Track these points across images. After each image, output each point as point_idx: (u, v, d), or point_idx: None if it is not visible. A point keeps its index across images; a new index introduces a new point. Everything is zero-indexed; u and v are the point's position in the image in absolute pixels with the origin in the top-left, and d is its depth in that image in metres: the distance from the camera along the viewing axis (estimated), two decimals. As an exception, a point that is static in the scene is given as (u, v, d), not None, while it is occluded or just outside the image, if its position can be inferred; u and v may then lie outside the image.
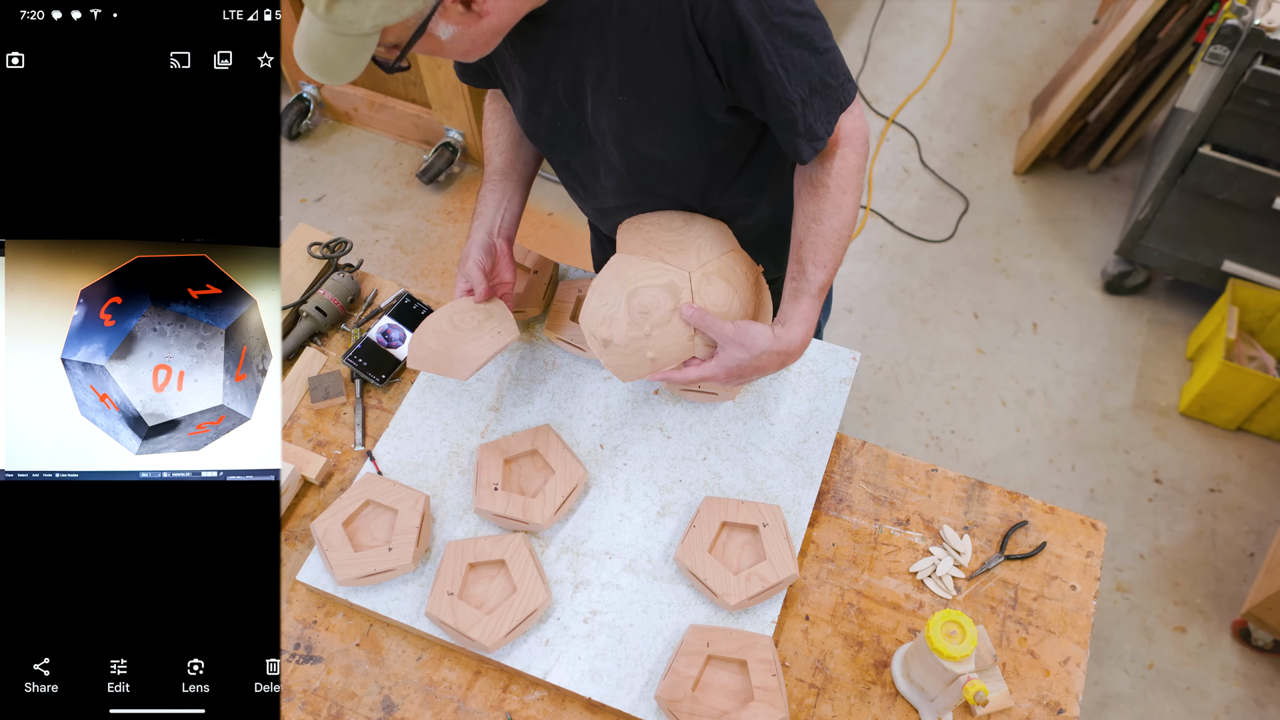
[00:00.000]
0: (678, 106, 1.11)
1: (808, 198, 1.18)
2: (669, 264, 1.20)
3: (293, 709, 1.18)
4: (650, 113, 1.12)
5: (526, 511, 1.25)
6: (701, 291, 1.18)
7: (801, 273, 1.17)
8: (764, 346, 1.15)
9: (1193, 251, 2.61)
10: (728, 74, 1.06)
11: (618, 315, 1.18)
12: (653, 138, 1.16)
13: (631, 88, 1.09)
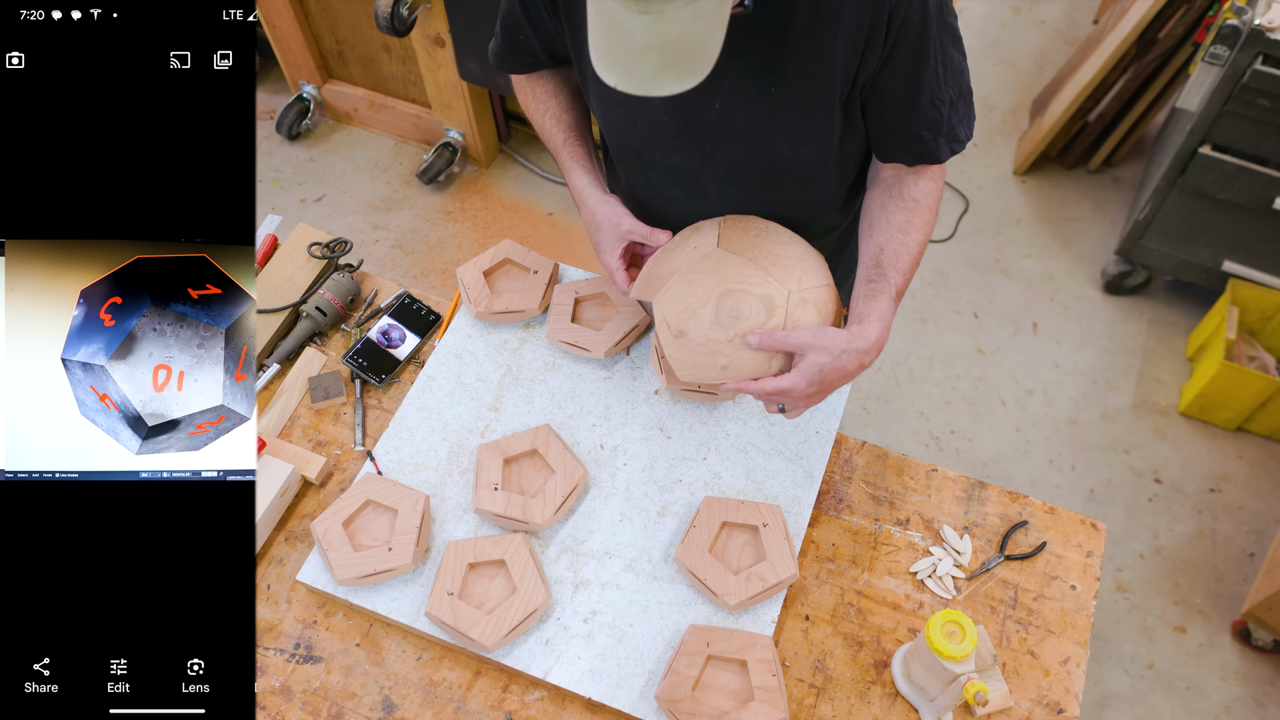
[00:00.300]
0: (835, 97, 1.08)
1: (896, 210, 1.16)
2: (771, 276, 1.14)
3: (293, 709, 1.18)
4: (804, 106, 1.09)
5: (526, 511, 1.25)
6: (795, 315, 1.13)
7: (882, 275, 1.14)
8: (843, 346, 1.09)
9: (1193, 251, 2.61)
10: (889, 57, 1.04)
11: (703, 310, 1.12)
12: (799, 133, 1.12)
13: (795, 77, 1.05)
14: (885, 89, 1.08)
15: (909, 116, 1.11)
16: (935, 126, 1.11)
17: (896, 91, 1.08)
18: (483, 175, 3.14)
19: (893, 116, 1.12)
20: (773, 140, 1.13)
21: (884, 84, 1.08)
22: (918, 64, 1.05)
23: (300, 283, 1.53)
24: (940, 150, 1.14)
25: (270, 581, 1.28)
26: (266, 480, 1.30)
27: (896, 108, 1.10)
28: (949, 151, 1.14)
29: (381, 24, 2.49)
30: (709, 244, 1.17)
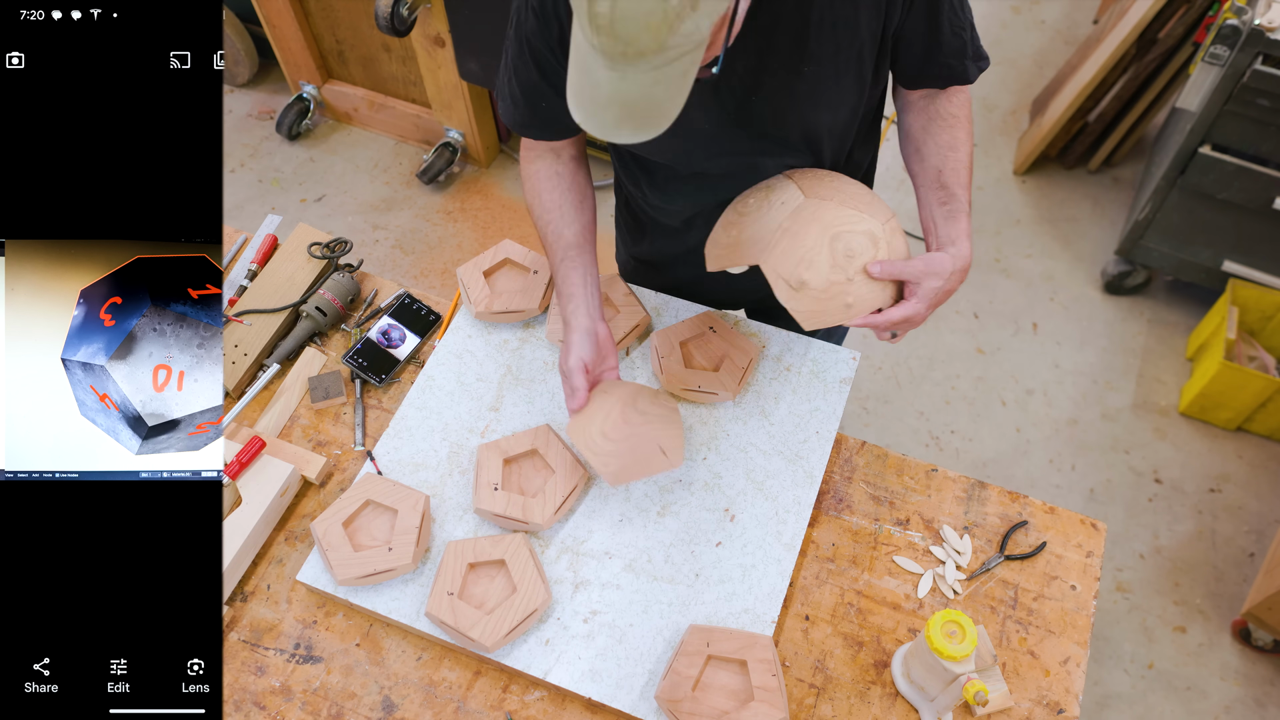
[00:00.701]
0: (863, 59, 1.14)
1: (940, 129, 1.23)
2: (864, 213, 1.19)
3: (293, 709, 1.18)
4: (834, 76, 1.14)
5: (526, 511, 1.25)
6: (894, 243, 1.19)
7: (951, 196, 1.21)
8: (950, 268, 1.17)
9: (1193, 251, 2.61)
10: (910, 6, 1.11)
11: (818, 258, 1.15)
12: (833, 100, 1.18)
13: (822, 54, 1.11)
14: (910, 32, 1.15)
15: (935, 50, 1.17)
16: (961, 52, 1.18)
17: (920, 31, 1.15)
18: (483, 175, 3.14)
19: (920, 53, 1.18)
20: (813, 112, 1.19)
21: (908, 29, 1.15)
22: (935, 7, 1.13)
23: (300, 283, 1.53)
24: (970, 71, 1.21)
25: (270, 581, 1.28)
26: (266, 480, 1.30)
27: (923, 45, 1.17)
28: (977, 70, 1.21)
29: (381, 24, 2.49)
30: (796, 197, 1.21)
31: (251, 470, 1.30)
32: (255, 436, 1.33)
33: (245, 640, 1.23)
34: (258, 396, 1.44)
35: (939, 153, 1.23)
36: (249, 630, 1.24)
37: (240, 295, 1.54)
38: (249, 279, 1.57)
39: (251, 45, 3.29)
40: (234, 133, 3.31)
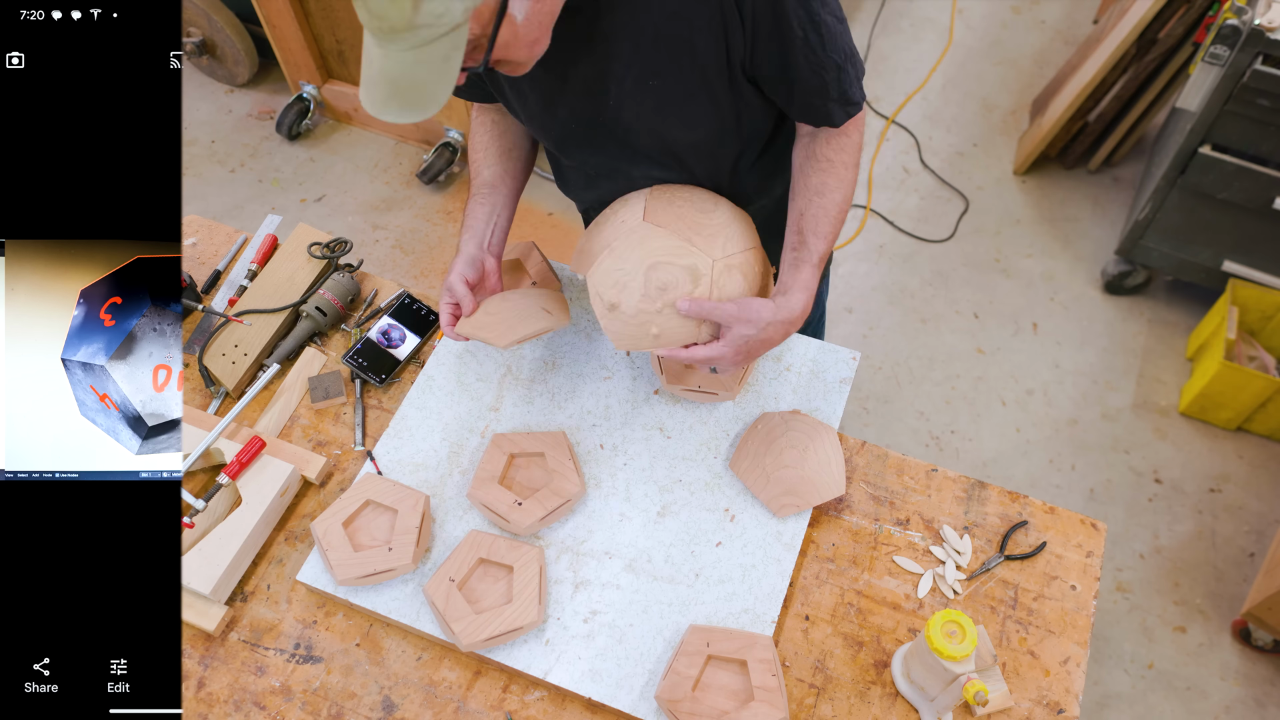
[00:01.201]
0: (711, 83, 1.12)
1: (812, 171, 1.20)
2: (695, 246, 1.19)
3: (293, 709, 1.18)
4: (683, 94, 1.13)
5: (511, 512, 1.25)
6: (720, 282, 1.18)
7: (803, 243, 1.19)
8: (768, 318, 1.15)
9: (1193, 251, 2.61)
10: (753, 43, 1.08)
11: (632, 284, 1.17)
12: (686, 118, 1.16)
13: (665, 70, 1.10)
14: (761, 67, 1.12)
15: (795, 87, 1.13)
16: (823, 93, 1.14)
17: (773, 68, 1.11)
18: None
19: (781, 90, 1.15)
20: (664, 127, 1.18)
21: (761, 64, 1.11)
22: (783, 39, 1.07)
23: (300, 283, 1.53)
24: (834, 114, 1.16)
25: (270, 581, 1.28)
26: (266, 480, 1.30)
27: (780, 83, 1.14)
28: (843, 115, 1.16)
29: (381, 24, 2.48)
30: (635, 217, 1.22)
31: (251, 470, 1.30)
32: (255, 436, 1.33)
33: (245, 640, 1.23)
34: (258, 396, 1.44)
35: (805, 196, 1.21)
36: (249, 630, 1.24)
37: (240, 295, 1.54)
38: (249, 279, 1.57)
39: (251, 45, 3.29)
40: (234, 133, 3.31)
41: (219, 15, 3.16)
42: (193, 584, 1.21)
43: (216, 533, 1.25)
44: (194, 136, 3.30)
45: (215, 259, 1.63)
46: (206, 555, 1.23)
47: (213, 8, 3.15)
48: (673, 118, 1.17)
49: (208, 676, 1.21)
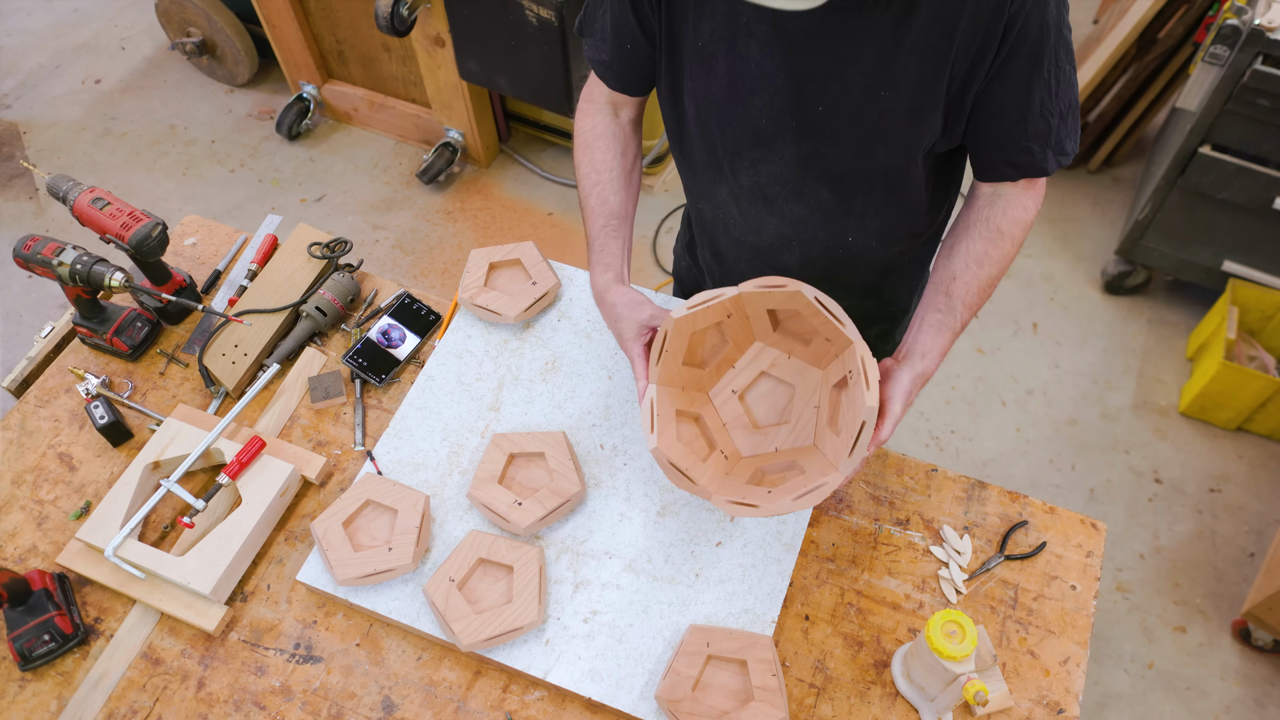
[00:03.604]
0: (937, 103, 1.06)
1: (979, 238, 1.15)
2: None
3: (293, 709, 1.18)
4: (906, 112, 1.07)
5: (511, 512, 1.25)
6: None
7: (950, 309, 1.15)
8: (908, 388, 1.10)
9: (1193, 251, 2.61)
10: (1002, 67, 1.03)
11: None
12: (894, 140, 1.10)
13: (904, 83, 1.04)
14: (995, 99, 1.06)
15: (1018, 128, 1.08)
16: (1044, 139, 1.09)
17: (1007, 102, 1.06)
18: (483, 175, 3.14)
19: (1000, 128, 1.09)
20: (873, 143, 1.11)
21: (995, 94, 1.05)
22: (1032, 75, 1.03)
23: (300, 283, 1.53)
24: (1048, 163, 1.11)
25: (270, 581, 1.28)
26: (266, 480, 1.30)
27: (1006, 119, 1.08)
28: (1055, 164, 1.12)
29: (381, 24, 2.49)
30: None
31: (251, 470, 1.30)
32: (255, 436, 1.33)
33: (245, 640, 1.23)
34: (258, 396, 1.44)
35: (964, 261, 1.14)
36: (249, 630, 1.24)
37: (240, 295, 1.54)
38: (249, 279, 1.57)
39: (251, 45, 3.29)
40: (234, 133, 3.31)
41: (219, 15, 3.16)
42: (193, 584, 1.21)
43: (216, 533, 1.25)
44: (194, 136, 3.30)
45: (215, 259, 1.63)
46: (206, 555, 1.23)
47: (213, 8, 3.15)
48: (888, 135, 1.09)
49: (208, 676, 1.21)
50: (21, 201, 3.13)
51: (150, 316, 1.50)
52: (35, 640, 1.19)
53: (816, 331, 1.16)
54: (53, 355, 1.52)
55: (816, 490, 1.05)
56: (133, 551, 1.24)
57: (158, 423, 1.40)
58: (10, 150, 3.28)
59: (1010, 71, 1.03)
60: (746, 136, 1.16)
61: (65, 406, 1.44)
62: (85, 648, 1.23)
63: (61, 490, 1.36)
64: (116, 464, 1.38)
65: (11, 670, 1.22)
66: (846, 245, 1.27)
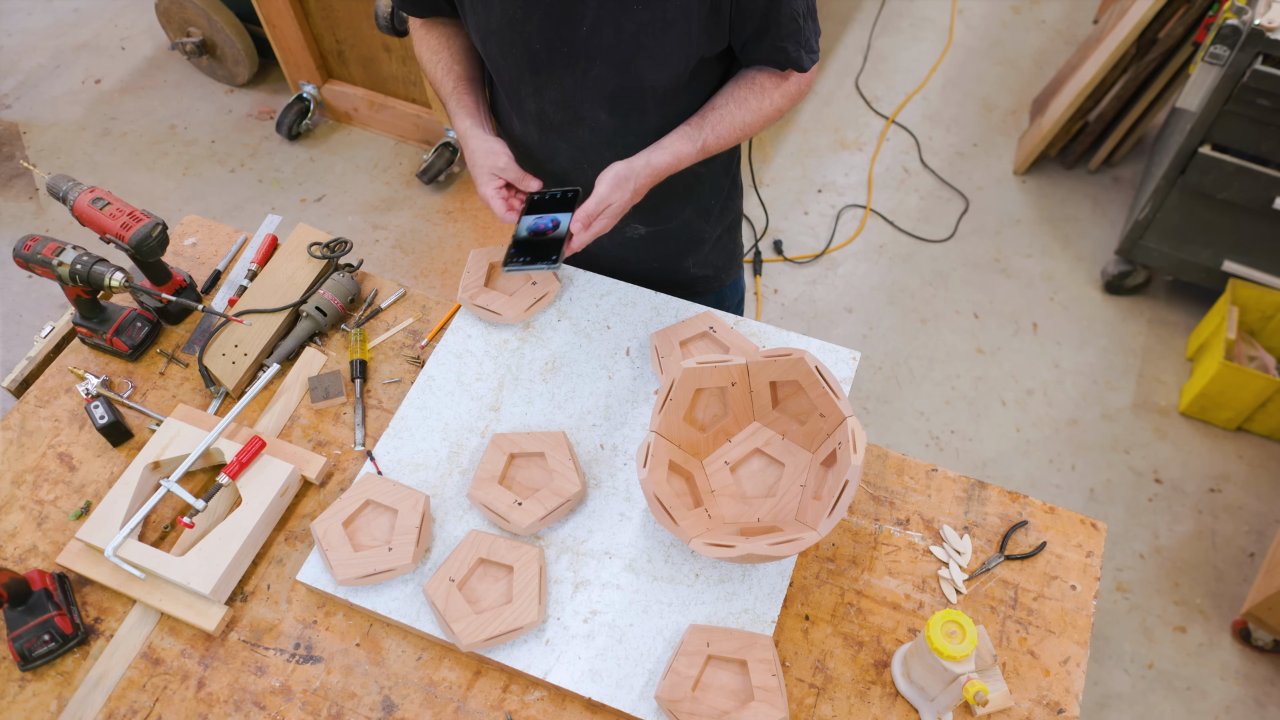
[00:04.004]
0: (692, 13, 1.14)
1: (745, 86, 1.27)
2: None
3: (293, 709, 1.18)
4: (663, 23, 1.14)
5: (511, 512, 1.25)
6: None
7: (699, 127, 1.26)
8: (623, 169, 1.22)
9: (1193, 251, 2.61)
10: None
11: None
12: (658, 52, 1.18)
13: None
14: (747, 6, 1.16)
15: (771, 30, 1.19)
16: (795, 38, 1.21)
17: (758, 6, 1.16)
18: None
19: (755, 30, 1.20)
20: (636, 58, 1.19)
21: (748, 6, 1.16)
22: None
23: (300, 283, 1.53)
24: (803, 60, 1.23)
25: (270, 581, 1.28)
26: (266, 480, 1.30)
27: (758, 22, 1.18)
28: (809, 61, 1.24)
29: (381, 24, 2.49)
30: None
31: (251, 470, 1.30)
32: (255, 436, 1.33)
33: (245, 640, 1.23)
34: (258, 396, 1.44)
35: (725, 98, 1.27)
36: (249, 630, 1.24)
37: (240, 295, 1.54)
38: (249, 279, 1.57)
39: (251, 45, 3.29)
40: (234, 133, 3.31)
41: (219, 15, 3.16)
42: (193, 584, 1.21)
43: (216, 533, 1.25)
44: (194, 136, 3.30)
45: (215, 259, 1.63)
46: (206, 555, 1.23)
47: (213, 8, 3.15)
48: (648, 47, 1.17)
49: (208, 676, 1.21)
50: (21, 201, 3.13)
51: (150, 316, 1.50)
52: (35, 640, 1.19)
53: (813, 408, 1.24)
54: (53, 355, 1.52)
55: (793, 542, 1.10)
56: (133, 551, 1.24)
57: (158, 423, 1.40)
58: (10, 150, 3.28)
59: None
60: (526, 63, 1.24)
61: (65, 406, 1.44)
62: (85, 648, 1.23)
63: (61, 490, 1.36)
64: (116, 464, 1.38)
65: (11, 670, 1.22)
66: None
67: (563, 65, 1.22)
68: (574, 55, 1.20)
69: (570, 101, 1.28)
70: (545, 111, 1.31)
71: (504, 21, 1.20)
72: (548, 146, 1.37)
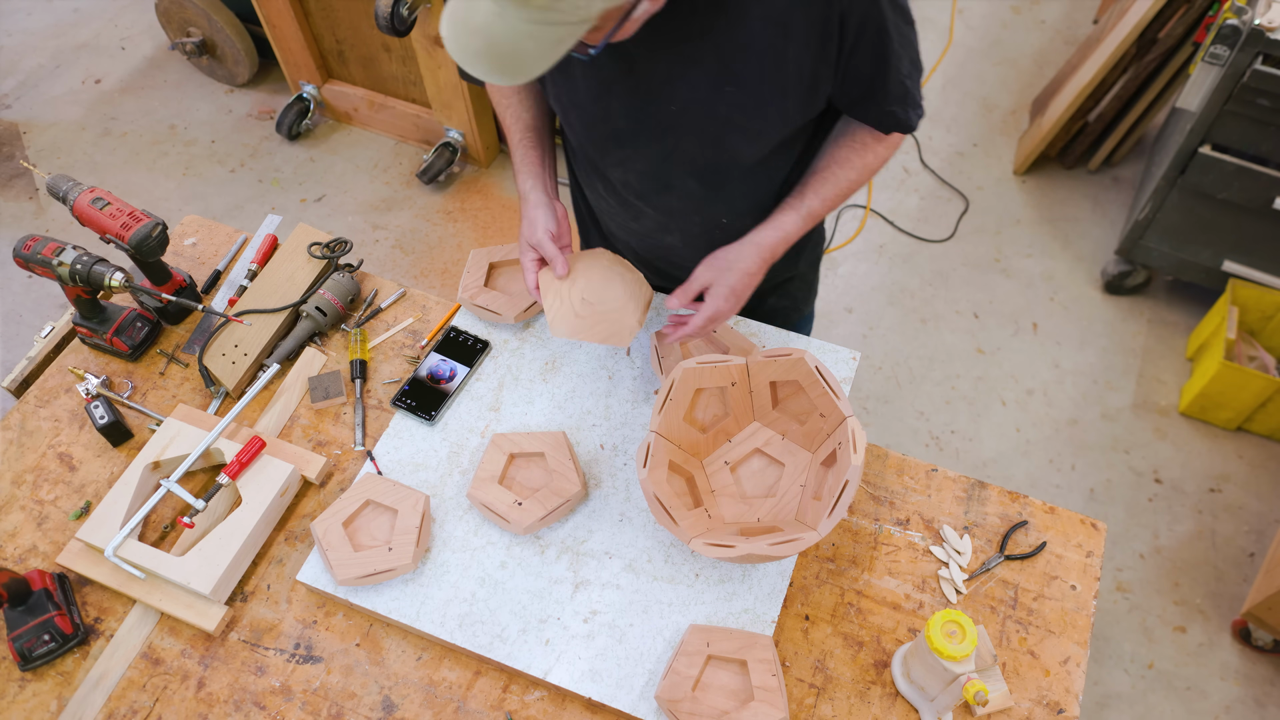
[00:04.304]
0: (788, 95, 1.12)
1: (845, 145, 1.23)
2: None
3: (293, 709, 1.18)
4: (755, 105, 1.12)
5: (510, 512, 1.25)
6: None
7: (802, 195, 1.23)
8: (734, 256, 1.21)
9: (1193, 251, 2.61)
10: (851, 54, 1.09)
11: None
12: (747, 130, 1.16)
13: (746, 78, 1.09)
14: (853, 73, 1.13)
15: (879, 94, 1.15)
16: (904, 99, 1.17)
17: (864, 73, 1.13)
18: (483, 175, 3.14)
19: (862, 94, 1.17)
20: (728, 135, 1.17)
21: (851, 70, 1.12)
22: (883, 51, 1.10)
23: (300, 283, 1.53)
24: (912, 119, 1.19)
25: (270, 581, 1.28)
26: (266, 480, 1.30)
27: (865, 87, 1.15)
28: (917, 118, 1.20)
29: (381, 24, 2.49)
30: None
31: (251, 470, 1.30)
32: (255, 436, 1.33)
33: (245, 640, 1.23)
34: (258, 396, 1.44)
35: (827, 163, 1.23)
36: (249, 630, 1.24)
37: (240, 295, 1.54)
38: (249, 279, 1.57)
39: (251, 45, 3.29)
40: (234, 133, 3.31)
41: (219, 15, 3.16)
42: (193, 584, 1.21)
43: (216, 533, 1.25)
44: (194, 136, 3.30)
45: (215, 259, 1.63)
46: (206, 555, 1.23)
47: (213, 8, 3.15)
48: (738, 128, 1.15)
49: (208, 676, 1.21)
50: (21, 201, 3.13)
51: (150, 316, 1.50)
52: (35, 640, 1.19)
53: (813, 408, 1.24)
54: (53, 355, 1.52)
55: (793, 542, 1.10)
56: (133, 551, 1.24)
57: (158, 423, 1.40)
58: (10, 150, 3.28)
59: (860, 51, 1.09)
60: (609, 138, 1.22)
61: (65, 406, 1.44)
62: (85, 648, 1.23)
63: (61, 490, 1.36)
64: (116, 464, 1.38)
65: (11, 670, 1.22)
66: (722, 225, 1.33)
67: (649, 140, 1.20)
68: (662, 131, 1.18)
69: (658, 173, 1.25)
70: (630, 182, 1.29)
71: (588, 97, 1.18)
72: (631, 209, 1.36)
